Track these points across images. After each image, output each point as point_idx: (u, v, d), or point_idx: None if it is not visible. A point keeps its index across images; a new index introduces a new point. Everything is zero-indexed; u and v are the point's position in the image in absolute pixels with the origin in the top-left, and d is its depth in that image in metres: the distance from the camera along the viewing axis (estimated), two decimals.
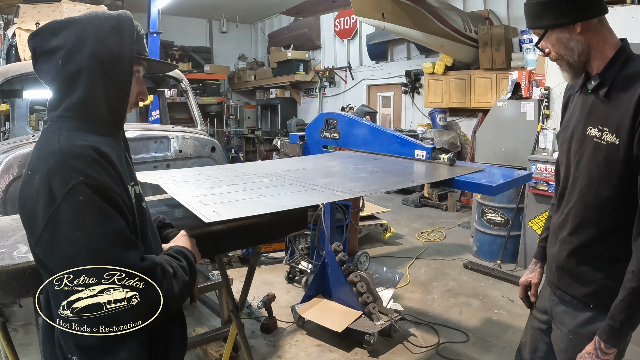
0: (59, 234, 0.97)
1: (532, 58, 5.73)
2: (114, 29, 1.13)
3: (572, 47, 1.36)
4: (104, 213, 1.00)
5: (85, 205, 0.98)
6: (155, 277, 1.02)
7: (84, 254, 0.97)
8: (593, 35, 1.35)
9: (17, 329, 3.28)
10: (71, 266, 0.97)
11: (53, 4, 5.80)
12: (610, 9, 4.26)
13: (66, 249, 0.97)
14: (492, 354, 3.12)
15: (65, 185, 0.97)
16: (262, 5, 11.31)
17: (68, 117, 1.10)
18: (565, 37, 1.36)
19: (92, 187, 0.99)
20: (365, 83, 10.01)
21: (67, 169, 0.99)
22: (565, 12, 1.33)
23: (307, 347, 3.22)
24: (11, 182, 2.67)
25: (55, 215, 0.97)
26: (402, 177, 2.39)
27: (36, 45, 1.13)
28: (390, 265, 4.36)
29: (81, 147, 1.04)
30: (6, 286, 1.26)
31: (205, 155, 3.53)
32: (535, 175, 4.43)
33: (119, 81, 1.15)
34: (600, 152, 1.34)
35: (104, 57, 1.11)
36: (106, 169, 1.05)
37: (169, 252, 1.19)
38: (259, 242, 2.13)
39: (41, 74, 1.14)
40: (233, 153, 11.54)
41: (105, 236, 0.98)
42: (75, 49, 1.09)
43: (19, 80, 3.30)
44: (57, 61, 1.10)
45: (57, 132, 1.07)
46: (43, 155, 1.03)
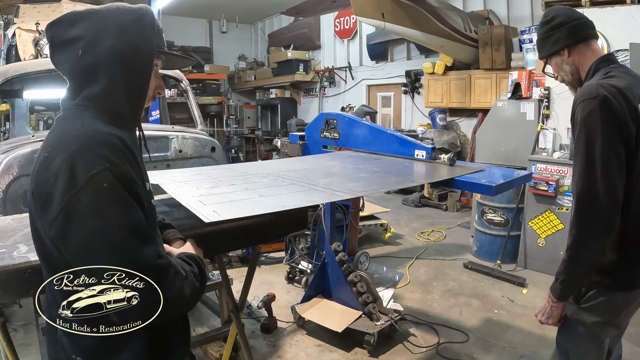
0: (76, 219, 0.94)
1: (532, 58, 5.72)
2: (134, 22, 1.12)
3: (564, 69, 1.74)
4: (125, 203, 0.97)
5: (108, 193, 0.95)
6: (168, 276, 1.00)
7: (99, 243, 0.94)
8: (577, 58, 1.70)
9: (17, 329, 3.28)
10: (83, 254, 0.95)
11: (53, 4, 5.79)
12: (610, 9, 4.31)
13: (81, 235, 0.94)
14: (492, 354, 3.12)
15: (89, 171, 0.94)
16: (262, 5, 11.30)
17: (87, 107, 1.09)
18: (558, 61, 1.74)
19: (117, 176, 0.97)
20: (365, 83, 10.01)
21: (93, 155, 0.97)
22: (555, 43, 1.71)
23: (307, 347, 3.22)
24: (11, 182, 2.67)
25: (74, 200, 0.93)
26: (402, 177, 2.39)
27: (54, 34, 1.11)
28: (390, 265, 4.36)
29: (108, 135, 1.03)
30: (6, 286, 1.26)
31: (205, 155, 3.52)
32: (535, 175, 4.43)
33: (138, 74, 1.14)
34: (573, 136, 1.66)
35: (124, 50, 1.09)
36: (129, 160, 1.03)
37: (181, 256, 1.17)
38: (259, 242, 2.12)
39: (58, 64, 1.12)
40: (233, 153, 11.54)
41: (124, 227, 0.95)
42: (96, 40, 1.08)
43: (19, 80, 3.30)
44: (77, 51, 1.08)
45: (78, 119, 1.05)
46: (65, 139, 1.00)
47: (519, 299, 3.95)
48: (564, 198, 4.30)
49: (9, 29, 5.70)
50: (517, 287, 4.18)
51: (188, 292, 1.04)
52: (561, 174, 4.32)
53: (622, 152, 1.49)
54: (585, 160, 1.50)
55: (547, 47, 1.73)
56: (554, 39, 1.71)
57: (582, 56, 1.70)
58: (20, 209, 2.62)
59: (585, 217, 1.51)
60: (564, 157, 4.34)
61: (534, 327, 3.46)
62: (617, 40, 4.11)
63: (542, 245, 4.51)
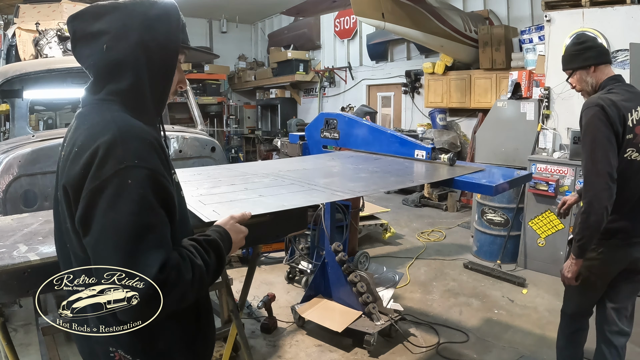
0: (96, 208, 0.94)
1: (532, 58, 5.73)
2: (160, 17, 1.11)
3: (587, 80, 2.23)
4: (144, 204, 0.96)
5: (130, 190, 0.95)
6: (167, 285, 0.96)
7: (106, 236, 0.94)
8: (598, 74, 2.20)
9: (17, 329, 3.28)
10: (94, 243, 0.95)
11: (53, 4, 5.79)
12: (610, 8, 4.35)
13: (96, 224, 0.95)
14: (492, 354, 3.12)
15: (118, 165, 0.94)
16: (262, 5, 11.30)
17: (113, 101, 1.07)
18: (584, 74, 2.22)
19: (145, 173, 0.97)
20: (365, 83, 10.00)
21: (124, 149, 0.96)
22: (585, 60, 2.20)
23: (307, 347, 3.22)
24: (11, 182, 2.67)
25: (97, 189, 0.94)
26: (402, 177, 2.39)
27: (76, 28, 1.09)
28: (390, 265, 4.36)
29: (140, 129, 1.02)
30: (6, 286, 1.26)
31: (205, 155, 3.52)
32: (535, 175, 4.43)
33: (164, 70, 1.13)
34: None
35: (151, 46, 1.09)
36: (160, 155, 1.03)
37: (201, 241, 1.12)
38: (259, 242, 2.12)
39: (81, 58, 1.11)
40: (233, 153, 11.54)
41: (134, 227, 0.94)
42: (122, 35, 1.07)
43: (19, 80, 3.30)
44: (101, 46, 1.06)
45: (107, 112, 1.04)
46: (95, 133, 0.99)
47: (519, 299, 3.95)
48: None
49: (9, 29, 5.70)
50: (517, 287, 4.19)
51: (191, 296, 1.03)
52: (561, 174, 4.32)
53: (614, 142, 2.04)
54: (590, 149, 2.06)
55: (579, 61, 2.21)
56: (585, 56, 2.20)
57: (601, 73, 2.21)
58: (20, 209, 2.62)
59: (592, 187, 2.03)
60: (564, 157, 4.34)
61: (534, 327, 3.46)
62: (617, 40, 4.11)
63: (542, 245, 4.51)
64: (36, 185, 2.69)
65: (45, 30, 4.41)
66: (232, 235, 1.22)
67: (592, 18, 4.24)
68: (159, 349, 1.13)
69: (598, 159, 2.02)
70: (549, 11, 4.54)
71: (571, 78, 2.27)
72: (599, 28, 4.19)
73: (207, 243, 1.12)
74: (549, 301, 3.85)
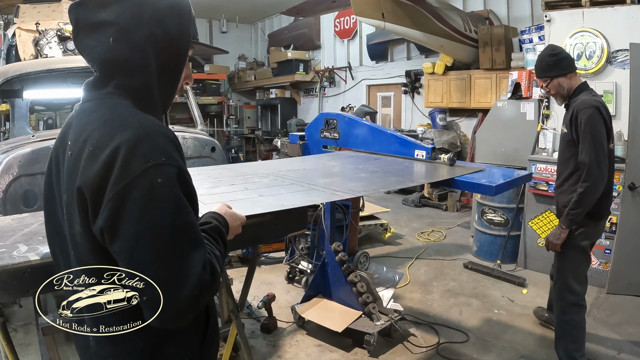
0: (125, 211, 0.86)
1: (532, 58, 5.72)
2: (172, 9, 1.04)
3: (564, 86, 2.65)
4: (178, 203, 0.91)
5: (162, 190, 0.88)
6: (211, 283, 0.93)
7: (145, 243, 0.87)
8: (572, 81, 2.65)
9: (17, 329, 3.28)
10: (129, 250, 0.88)
11: (53, 4, 5.79)
12: (610, 8, 4.42)
13: (128, 229, 0.87)
14: (492, 354, 3.12)
15: (145, 163, 0.87)
16: (262, 5, 11.30)
17: (121, 95, 1.00)
18: (562, 80, 2.63)
19: (173, 171, 0.91)
20: (365, 83, 10.01)
21: (150, 145, 0.90)
22: (563, 68, 2.62)
23: (307, 347, 3.22)
24: (11, 182, 2.67)
25: (125, 191, 0.86)
26: (402, 177, 2.39)
27: (80, 16, 1.01)
28: (390, 265, 4.35)
29: (160, 125, 0.97)
30: (6, 286, 1.26)
31: (205, 155, 3.52)
32: (535, 175, 4.43)
33: (173, 66, 1.07)
34: (563, 138, 2.73)
35: (161, 39, 1.01)
36: (180, 152, 0.98)
37: (209, 229, 1.07)
38: (259, 242, 2.12)
39: (84, 49, 1.02)
40: (233, 153, 11.54)
41: (174, 229, 0.89)
42: (131, 26, 0.99)
43: (19, 80, 3.30)
44: (107, 38, 0.98)
45: (122, 107, 0.97)
46: (112, 129, 0.91)
47: (519, 299, 3.95)
48: None
49: (9, 29, 5.71)
50: (517, 287, 4.18)
51: (206, 295, 0.96)
52: None
53: (606, 138, 2.49)
54: (591, 143, 2.44)
55: (557, 70, 2.61)
56: (562, 65, 2.61)
57: (574, 80, 2.67)
58: (20, 209, 2.62)
59: (594, 175, 2.43)
60: None
61: (534, 327, 3.46)
62: (617, 40, 4.11)
63: (542, 245, 4.50)
64: (36, 185, 2.69)
65: (45, 30, 4.41)
66: (230, 221, 1.20)
67: (592, 18, 4.24)
68: (168, 354, 1.07)
69: (599, 153, 2.44)
70: (549, 11, 4.54)
71: (550, 84, 2.65)
72: (599, 28, 4.20)
73: (212, 230, 1.09)
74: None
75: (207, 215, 1.17)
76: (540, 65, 2.66)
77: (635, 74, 3.78)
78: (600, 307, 3.74)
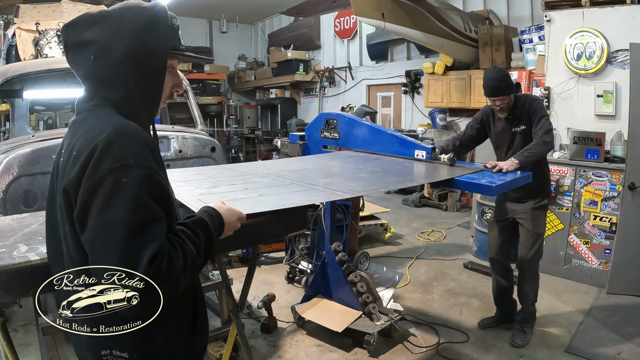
0: (92, 205, 0.96)
1: (532, 58, 5.74)
2: (149, 25, 1.12)
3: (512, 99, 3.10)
4: (138, 201, 0.97)
5: (125, 188, 0.96)
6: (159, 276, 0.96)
7: (102, 233, 0.95)
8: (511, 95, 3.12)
9: (17, 329, 3.28)
10: (91, 239, 0.97)
11: (53, 4, 5.79)
12: (610, 9, 4.46)
13: (92, 221, 0.96)
14: (492, 354, 3.12)
15: (113, 163, 0.97)
16: (262, 5, 11.30)
17: (105, 105, 1.10)
18: (510, 98, 3.07)
19: (140, 172, 0.99)
20: (365, 83, 10.01)
21: (119, 149, 0.98)
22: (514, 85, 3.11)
23: (307, 347, 3.22)
24: (11, 182, 2.67)
25: (93, 187, 0.96)
26: (402, 177, 2.39)
27: (68, 36, 1.12)
28: (390, 265, 4.35)
29: (135, 130, 1.05)
30: (6, 286, 1.26)
31: (205, 155, 3.52)
32: None
33: (152, 77, 1.15)
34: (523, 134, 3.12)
35: (138, 54, 1.10)
36: (155, 156, 1.06)
37: (189, 223, 1.11)
38: (259, 242, 2.12)
39: (73, 65, 1.14)
40: (233, 153, 11.54)
41: (128, 224, 0.95)
42: (109, 44, 1.08)
43: (19, 80, 3.30)
44: (89, 56, 1.09)
45: (104, 115, 1.07)
46: (92, 135, 1.01)
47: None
48: (564, 198, 4.30)
49: (9, 29, 5.71)
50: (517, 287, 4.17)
51: (185, 280, 1.03)
52: (561, 174, 4.32)
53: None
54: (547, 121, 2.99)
55: (512, 88, 3.07)
56: (513, 83, 3.10)
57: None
58: (20, 209, 2.62)
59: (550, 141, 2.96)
60: (564, 157, 4.34)
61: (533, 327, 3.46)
62: (617, 40, 4.12)
63: None
64: (36, 185, 2.69)
65: (45, 30, 4.41)
66: (225, 216, 1.22)
67: (592, 18, 4.25)
68: (157, 345, 1.13)
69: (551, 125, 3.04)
70: (549, 11, 4.54)
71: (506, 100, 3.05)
72: (599, 28, 4.20)
73: (194, 224, 1.12)
74: (548, 301, 3.84)
75: (200, 210, 1.21)
76: (500, 85, 3.00)
77: (635, 74, 3.77)
78: (600, 307, 3.74)
